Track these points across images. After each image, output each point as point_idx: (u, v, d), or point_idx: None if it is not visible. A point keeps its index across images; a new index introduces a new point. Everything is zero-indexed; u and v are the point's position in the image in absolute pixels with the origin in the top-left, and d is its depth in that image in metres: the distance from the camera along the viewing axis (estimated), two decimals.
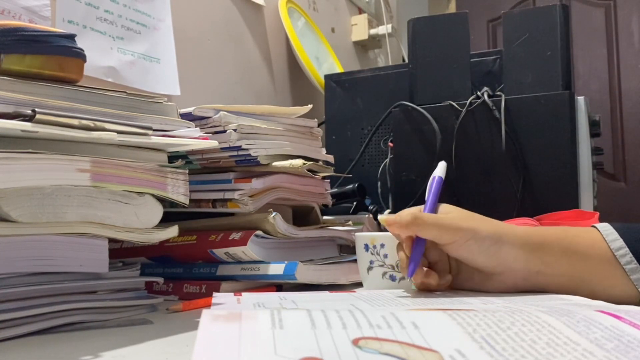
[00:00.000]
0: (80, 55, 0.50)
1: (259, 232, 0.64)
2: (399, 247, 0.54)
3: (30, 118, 0.41)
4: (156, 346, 0.41)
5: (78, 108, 0.46)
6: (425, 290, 0.54)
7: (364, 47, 1.87)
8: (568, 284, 0.50)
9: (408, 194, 0.92)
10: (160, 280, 0.57)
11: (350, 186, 0.99)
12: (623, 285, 0.48)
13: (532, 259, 0.50)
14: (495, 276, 0.51)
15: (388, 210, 0.95)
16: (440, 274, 0.54)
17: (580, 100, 0.88)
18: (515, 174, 0.87)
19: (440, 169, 0.60)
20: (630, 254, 0.48)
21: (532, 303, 0.43)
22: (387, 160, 1.02)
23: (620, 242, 0.49)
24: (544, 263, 0.50)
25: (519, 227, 0.52)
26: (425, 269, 0.52)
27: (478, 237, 0.50)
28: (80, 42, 0.51)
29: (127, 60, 0.92)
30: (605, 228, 0.51)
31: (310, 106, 0.77)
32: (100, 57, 0.87)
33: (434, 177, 0.59)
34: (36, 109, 0.41)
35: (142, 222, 0.51)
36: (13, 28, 0.47)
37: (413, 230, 0.51)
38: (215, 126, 0.67)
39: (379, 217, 0.55)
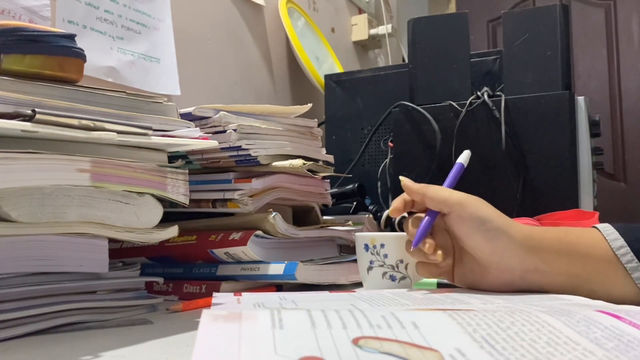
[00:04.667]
0: (80, 55, 0.50)
1: (259, 232, 0.64)
2: (413, 222, 0.56)
3: (30, 118, 0.41)
4: (156, 346, 0.41)
5: (78, 108, 0.46)
6: (427, 275, 0.57)
7: (364, 47, 1.87)
8: (566, 283, 0.50)
9: None
10: (160, 280, 0.57)
11: (350, 186, 0.99)
12: (623, 285, 0.48)
13: (530, 257, 0.50)
14: (492, 270, 0.52)
15: (388, 211, 0.95)
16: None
17: (580, 100, 0.88)
18: (515, 174, 0.87)
19: (464, 157, 0.62)
20: (632, 253, 0.48)
21: (532, 303, 0.43)
22: (387, 160, 1.02)
23: (621, 241, 0.49)
24: (543, 261, 0.50)
25: (521, 224, 0.53)
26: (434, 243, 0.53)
27: (478, 215, 0.51)
28: (80, 42, 0.51)
29: (127, 60, 0.92)
30: (606, 228, 0.51)
31: (309, 105, 0.77)
32: (100, 57, 0.87)
33: (456, 163, 0.61)
34: (36, 109, 0.41)
35: (142, 222, 0.51)
36: (13, 28, 0.47)
37: (419, 195, 0.55)
38: (215, 126, 0.67)
39: (401, 177, 0.58)
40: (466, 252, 0.54)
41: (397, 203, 0.57)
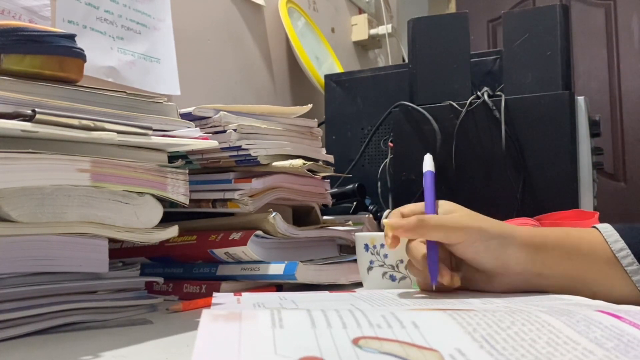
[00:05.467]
0: (80, 55, 0.50)
1: (259, 232, 0.64)
2: (414, 248, 0.52)
3: (30, 118, 0.41)
4: (156, 346, 0.41)
5: (78, 108, 0.46)
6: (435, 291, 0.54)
7: (364, 47, 1.87)
8: (569, 285, 0.50)
9: (408, 194, 0.92)
10: (160, 280, 0.57)
11: (350, 186, 0.99)
12: (624, 287, 0.48)
13: (534, 261, 0.50)
14: (496, 277, 0.51)
15: (388, 210, 0.95)
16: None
17: (580, 100, 0.88)
18: (515, 174, 0.87)
19: (429, 163, 0.58)
20: (632, 256, 0.48)
21: (532, 303, 0.43)
22: (387, 160, 1.02)
23: (621, 243, 0.49)
24: (545, 265, 0.50)
25: (521, 228, 0.52)
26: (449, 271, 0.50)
27: (485, 237, 0.49)
28: (80, 42, 0.51)
29: (127, 60, 0.92)
30: (606, 229, 0.50)
31: (310, 106, 0.77)
32: (100, 57, 0.87)
33: (425, 173, 0.57)
34: (36, 109, 0.41)
35: (142, 222, 0.51)
36: (13, 28, 0.47)
37: (419, 234, 0.50)
38: (215, 126, 0.67)
39: (383, 220, 0.54)
40: (465, 263, 0.52)
41: (391, 242, 0.52)
